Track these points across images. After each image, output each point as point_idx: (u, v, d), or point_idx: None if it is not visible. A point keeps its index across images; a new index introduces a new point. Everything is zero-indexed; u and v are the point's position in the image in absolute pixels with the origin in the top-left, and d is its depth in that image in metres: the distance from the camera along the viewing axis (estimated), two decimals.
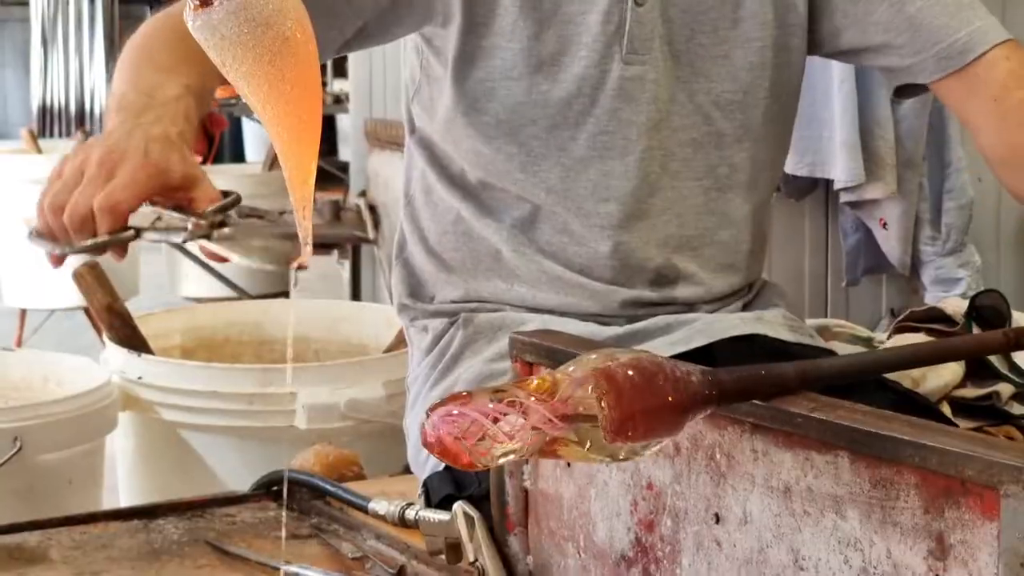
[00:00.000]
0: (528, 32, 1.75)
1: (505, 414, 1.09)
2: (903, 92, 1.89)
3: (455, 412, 1.10)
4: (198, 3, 1.17)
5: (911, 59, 1.80)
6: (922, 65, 1.80)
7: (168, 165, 1.50)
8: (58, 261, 1.55)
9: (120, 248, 1.50)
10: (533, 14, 1.75)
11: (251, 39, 1.16)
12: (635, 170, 1.79)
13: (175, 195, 1.51)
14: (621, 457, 1.14)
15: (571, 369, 1.13)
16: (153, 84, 1.60)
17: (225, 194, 1.56)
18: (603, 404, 1.10)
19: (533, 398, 1.10)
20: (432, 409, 1.11)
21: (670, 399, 1.14)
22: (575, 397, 1.12)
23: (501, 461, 1.12)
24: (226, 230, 1.51)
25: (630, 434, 1.12)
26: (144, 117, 1.55)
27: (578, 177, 1.79)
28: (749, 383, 1.23)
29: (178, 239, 1.52)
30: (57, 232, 1.50)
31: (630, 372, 1.13)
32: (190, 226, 1.51)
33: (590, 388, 1.11)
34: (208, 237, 1.51)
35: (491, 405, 1.10)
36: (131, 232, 1.48)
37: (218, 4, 1.16)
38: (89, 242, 1.47)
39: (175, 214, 1.51)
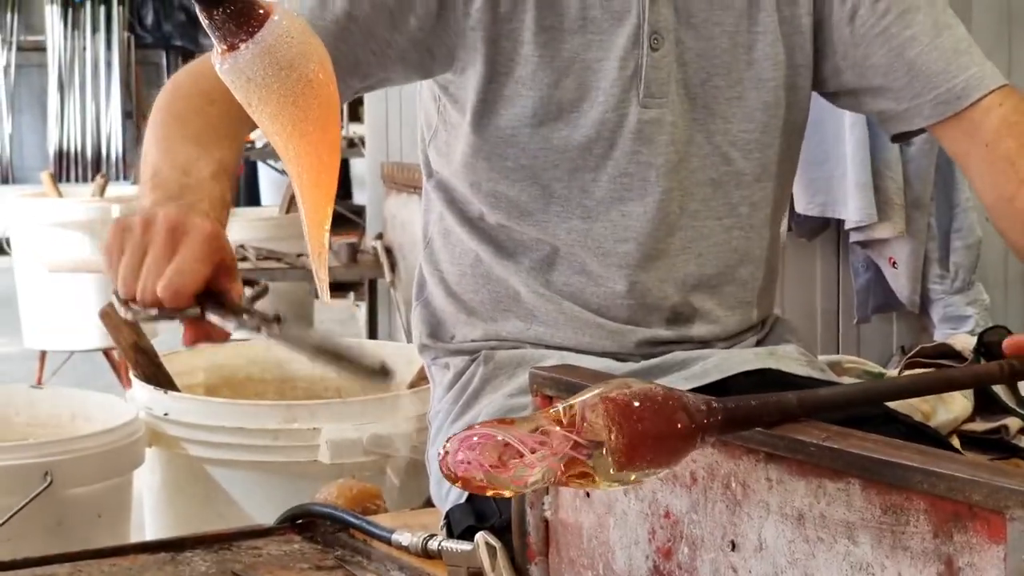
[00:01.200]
0: (548, 80, 1.79)
1: (540, 443, 1.14)
2: (899, 135, 1.93)
3: (477, 439, 1.15)
4: (225, 48, 1.21)
5: (907, 103, 1.84)
6: (918, 109, 1.84)
7: (223, 244, 1.50)
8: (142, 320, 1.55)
9: (190, 324, 1.50)
10: (553, 63, 1.79)
11: (276, 81, 1.20)
12: (654, 211, 1.82)
13: (218, 282, 1.50)
14: (632, 480, 1.19)
15: (584, 398, 1.17)
16: (188, 160, 1.61)
17: (248, 283, 1.57)
18: (612, 434, 1.15)
19: (558, 427, 1.14)
20: (451, 439, 1.16)
21: (677, 427, 1.19)
22: (587, 425, 1.16)
23: (531, 488, 1.16)
24: (276, 328, 1.49)
25: (638, 462, 1.16)
26: (185, 198, 1.55)
27: (599, 218, 1.82)
28: (752, 411, 1.27)
29: (231, 326, 1.50)
30: (132, 305, 1.50)
31: (637, 402, 1.17)
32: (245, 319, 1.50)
33: (599, 417, 1.16)
34: (258, 330, 1.49)
35: (522, 434, 1.14)
36: (196, 310, 1.47)
37: (244, 48, 1.19)
38: (155, 316, 1.47)
39: (215, 316, 1.50)
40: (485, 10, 1.78)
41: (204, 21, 1.22)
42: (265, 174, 11.65)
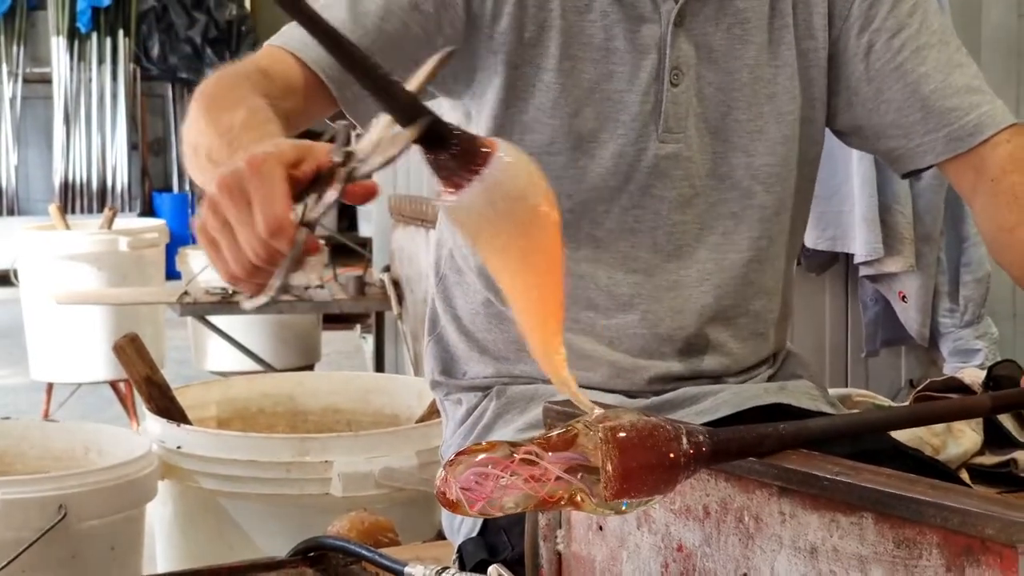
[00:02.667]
0: (568, 109, 1.79)
1: (522, 469, 1.16)
2: (909, 172, 1.94)
3: (461, 463, 1.19)
4: (453, 188, 1.20)
5: (919, 139, 1.85)
6: (931, 146, 1.85)
7: (280, 147, 1.31)
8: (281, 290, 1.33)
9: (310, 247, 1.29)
10: (574, 91, 1.79)
11: (504, 217, 1.20)
12: (665, 243, 1.83)
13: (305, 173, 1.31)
14: (623, 510, 1.21)
15: (577, 426, 1.20)
16: (230, 126, 1.50)
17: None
18: (605, 464, 1.18)
19: (550, 453, 1.17)
20: (448, 464, 1.19)
21: (669, 456, 1.21)
22: (580, 451, 1.19)
23: (506, 512, 1.19)
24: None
25: (629, 491, 1.18)
26: (238, 142, 1.44)
27: (608, 248, 1.83)
28: (744, 441, 1.29)
29: (334, 194, 1.28)
30: (258, 281, 1.32)
31: (630, 431, 1.20)
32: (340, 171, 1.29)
33: (594, 445, 1.18)
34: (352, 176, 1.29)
35: (504, 458, 1.17)
36: (303, 231, 1.27)
37: (470, 186, 1.19)
38: (285, 270, 1.27)
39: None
40: (510, 34, 1.79)
41: (428, 162, 1.21)
42: None
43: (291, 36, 1.74)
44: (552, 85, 1.79)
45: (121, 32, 11.83)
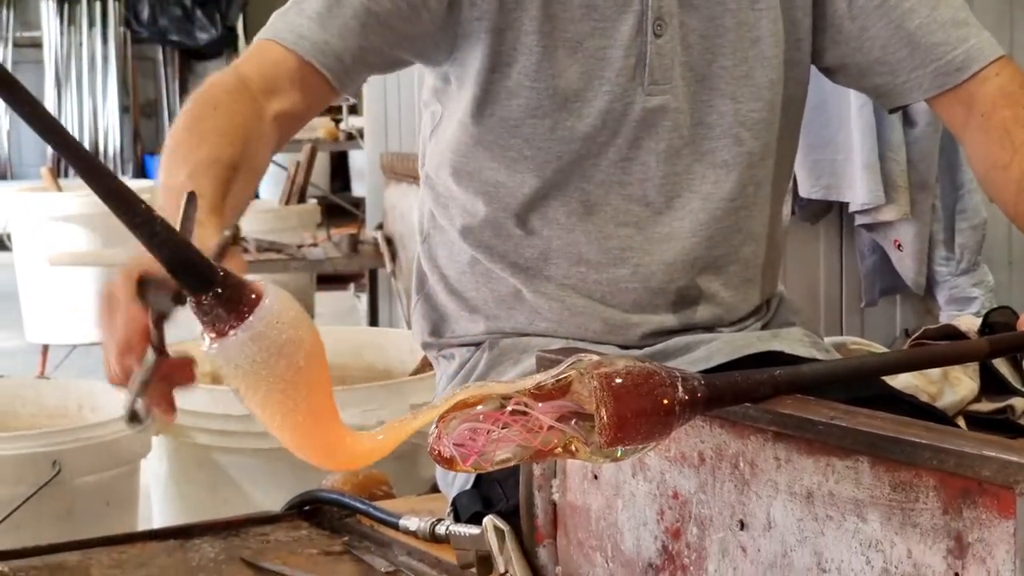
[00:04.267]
0: (552, 71, 1.78)
1: (514, 420, 1.16)
2: (897, 107, 1.93)
3: (458, 421, 1.18)
4: (214, 334, 1.13)
5: (906, 76, 1.84)
6: (917, 82, 1.84)
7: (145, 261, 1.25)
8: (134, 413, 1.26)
9: (174, 369, 1.22)
10: (556, 52, 1.78)
11: (264, 368, 1.13)
12: (655, 195, 1.82)
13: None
14: (618, 457, 1.20)
15: (570, 372, 1.19)
16: (174, 182, 1.51)
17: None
18: (600, 411, 1.16)
19: (540, 404, 1.16)
20: (440, 420, 1.18)
21: (663, 403, 1.20)
22: (574, 398, 1.18)
23: (500, 465, 1.18)
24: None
25: (624, 438, 1.18)
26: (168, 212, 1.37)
27: (598, 202, 1.82)
28: (738, 387, 1.28)
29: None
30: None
31: (624, 377, 1.18)
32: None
33: (588, 391, 1.17)
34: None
35: (496, 410, 1.16)
36: (152, 355, 1.20)
37: (232, 334, 1.13)
38: (135, 391, 1.20)
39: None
40: (492, 0, 1.78)
41: (192, 306, 1.14)
42: None
43: (282, 28, 1.74)
44: (534, 48, 1.77)
45: None
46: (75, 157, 1.11)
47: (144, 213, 1.11)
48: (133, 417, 1.20)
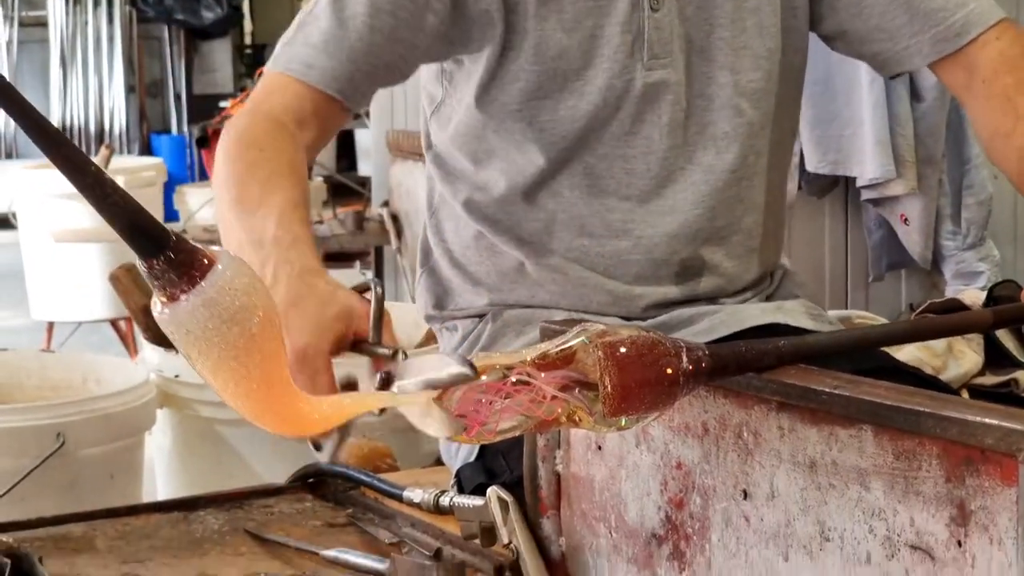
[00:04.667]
0: (551, 52, 1.78)
1: (514, 389, 1.15)
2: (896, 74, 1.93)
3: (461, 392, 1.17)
4: (165, 298, 1.12)
5: (906, 42, 1.84)
6: (917, 48, 1.83)
7: (322, 332, 1.47)
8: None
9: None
10: (555, 34, 1.78)
11: (216, 335, 1.12)
12: (657, 168, 1.82)
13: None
14: (622, 426, 1.20)
15: (574, 342, 1.18)
16: (262, 228, 1.57)
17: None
18: (604, 380, 1.16)
19: (544, 374, 1.16)
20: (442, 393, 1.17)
21: (667, 372, 1.20)
22: (578, 368, 1.17)
23: (504, 435, 1.18)
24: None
25: (628, 408, 1.17)
26: (270, 257, 1.52)
27: (602, 176, 1.82)
28: (742, 357, 1.28)
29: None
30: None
31: (629, 346, 1.18)
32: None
33: (592, 361, 1.17)
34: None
35: (499, 381, 1.15)
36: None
37: (184, 299, 1.11)
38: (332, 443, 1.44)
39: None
40: None
41: (143, 269, 1.13)
42: None
43: (291, 60, 1.76)
44: (534, 32, 1.78)
45: None
46: (19, 116, 1.09)
47: (94, 175, 1.09)
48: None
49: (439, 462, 2.06)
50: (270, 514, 1.87)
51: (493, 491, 1.62)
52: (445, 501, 1.73)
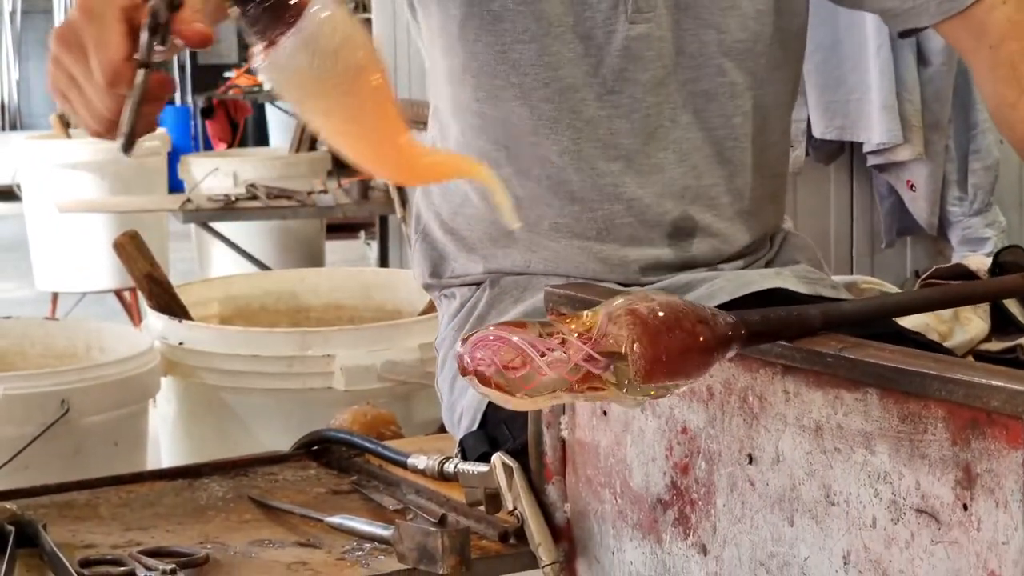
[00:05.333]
0: None
1: (551, 348, 1.13)
2: (904, 32, 1.92)
3: (493, 338, 1.13)
4: (264, 44, 1.13)
5: (912, 2, 1.82)
6: (924, 7, 1.81)
7: None
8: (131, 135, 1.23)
9: (157, 86, 1.20)
10: None
11: (323, 72, 1.12)
12: (641, 126, 1.81)
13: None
14: (652, 394, 1.17)
15: (606, 309, 1.16)
16: None
17: None
18: (635, 346, 1.14)
19: (577, 335, 1.14)
20: (469, 337, 1.14)
21: (700, 340, 1.18)
22: (609, 336, 1.15)
23: (544, 400, 1.15)
24: None
25: (659, 375, 1.15)
26: None
27: (588, 138, 1.81)
28: (775, 325, 1.27)
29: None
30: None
31: (660, 313, 1.16)
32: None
33: (622, 328, 1.15)
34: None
35: (534, 338, 1.13)
36: (142, 73, 1.18)
37: (284, 41, 1.12)
38: (131, 113, 1.18)
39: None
40: None
41: (239, 18, 1.13)
42: (273, 115, 11.64)
43: None
44: None
45: None
46: None
47: None
48: (129, 145, 1.17)
49: (442, 429, 2.05)
50: (274, 481, 1.87)
51: (498, 457, 1.61)
52: (450, 468, 1.73)
